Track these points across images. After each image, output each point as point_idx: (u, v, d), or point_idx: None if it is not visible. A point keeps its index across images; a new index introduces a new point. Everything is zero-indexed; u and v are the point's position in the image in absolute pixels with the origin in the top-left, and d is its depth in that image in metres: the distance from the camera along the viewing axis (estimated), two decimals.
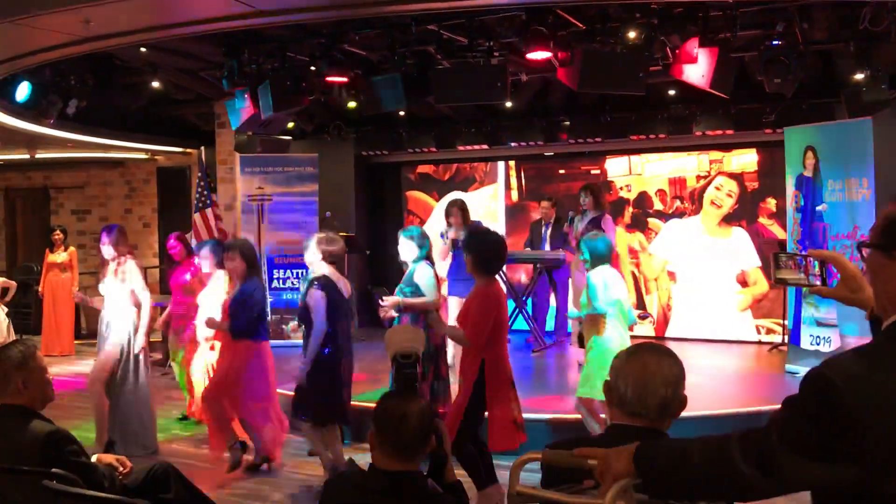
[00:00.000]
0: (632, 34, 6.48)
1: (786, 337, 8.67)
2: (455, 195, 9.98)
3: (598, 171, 10.54)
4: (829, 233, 7.52)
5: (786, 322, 8.69)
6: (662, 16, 6.37)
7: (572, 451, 2.02)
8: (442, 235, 8.19)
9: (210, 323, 5.74)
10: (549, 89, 9.43)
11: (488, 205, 11.17)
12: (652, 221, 10.32)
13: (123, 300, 6.07)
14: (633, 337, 5.67)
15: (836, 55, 7.56)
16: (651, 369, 2.23)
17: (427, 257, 5.52)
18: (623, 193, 10.43)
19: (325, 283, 5.31)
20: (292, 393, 5.55)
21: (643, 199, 10.34)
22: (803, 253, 1.97)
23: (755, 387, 7.76)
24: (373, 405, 2.73)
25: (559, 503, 2.03)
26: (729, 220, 9.90)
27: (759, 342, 9.61)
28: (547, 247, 9.30)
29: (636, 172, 10.39)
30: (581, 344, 7.74)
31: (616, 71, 6.42)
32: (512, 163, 11.05)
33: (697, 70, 6.46)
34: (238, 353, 5.59)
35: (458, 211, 8.09)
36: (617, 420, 2.30)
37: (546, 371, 8.80)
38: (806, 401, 1.63)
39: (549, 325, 9.70)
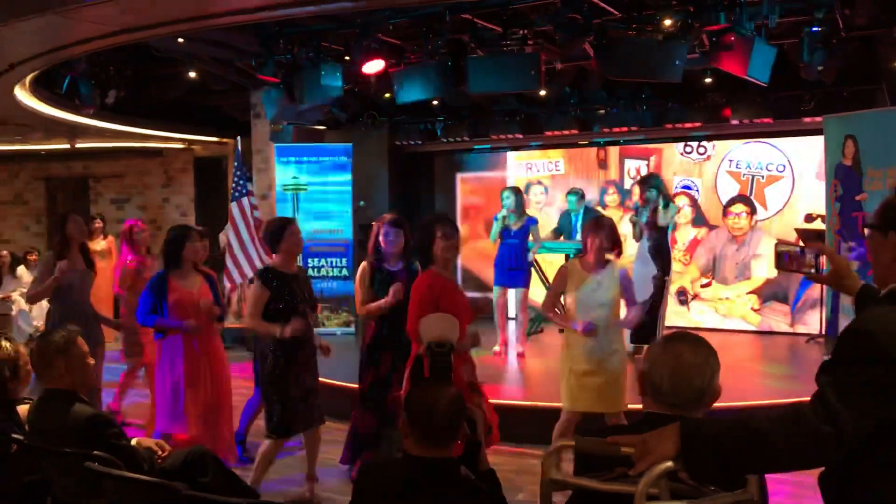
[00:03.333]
0: (668, 22, 6.41)
1: (823, 328, 8.56)
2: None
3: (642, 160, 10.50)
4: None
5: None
6: (699, 3, 6.29)
7: (605, 439, 2.03)
8: (495, 219, 8.21)
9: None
10: (583, 77, 9.37)
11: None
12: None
13: None
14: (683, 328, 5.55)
15: (878, 41, 7.42)
16: (686, 359, 2.22)
17: None
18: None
19: None
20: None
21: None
22: (801, 245, 2.25)
23: (799, 378, 7.56)
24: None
25: (593, 490, 2.03)
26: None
27: (794, 333, 9.48)
28: (578, 236, 9.25)
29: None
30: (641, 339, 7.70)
31: (652, 59, 6.36)
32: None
33: (734, 58, 6.37)
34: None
35: (511, 195, 8.09)
36: (651, 409, 2.29)
37: None
38: (853, 354, 1.86)
39: None
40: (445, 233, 4.47)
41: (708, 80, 8.70)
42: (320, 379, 5.12)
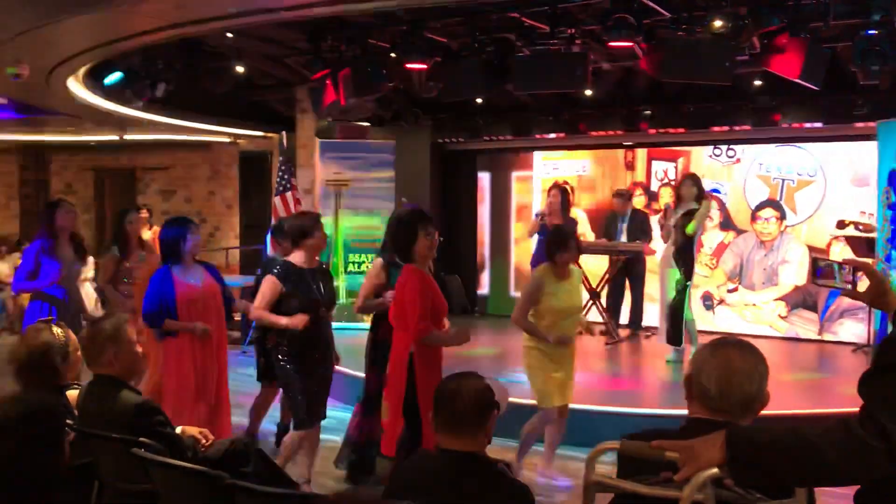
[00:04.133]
0: (718, 23, 6.32)
1: (871, 338, 8.39)
2: None
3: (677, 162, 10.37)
4: None
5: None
6: (751, 4, 6.20)
7: (650, 443, 2.01)
8: (536, 216, 8.18)
9: None
10: (630, 78, 9.29)
11: None
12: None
13: None
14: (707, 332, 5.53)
15: None
16: (735, 365, 2.19)
17: None
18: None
19: None
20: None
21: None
22: (839, 261, 2.14)
23: (832, 387, 7.41)
24: None
25: (638, 494, 2.02)
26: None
27: (838, 342, 9.31)
28: (623, 238, 9.18)
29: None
30: (670, 340, 7.67)
31: (701, 60, 6.28)
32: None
33: (786, 60, 6.27)
34: None
35: (557, 193, 8.04)
36: (697, 414, 2.27)
37: (618, 363, 8.70)
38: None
39: (624, 317, 9.59)
40: (428, 231, 4.41)
41: (757, 82, 8.58)
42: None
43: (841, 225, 8.77)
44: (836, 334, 9.34)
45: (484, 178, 11.67)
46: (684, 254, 7.64)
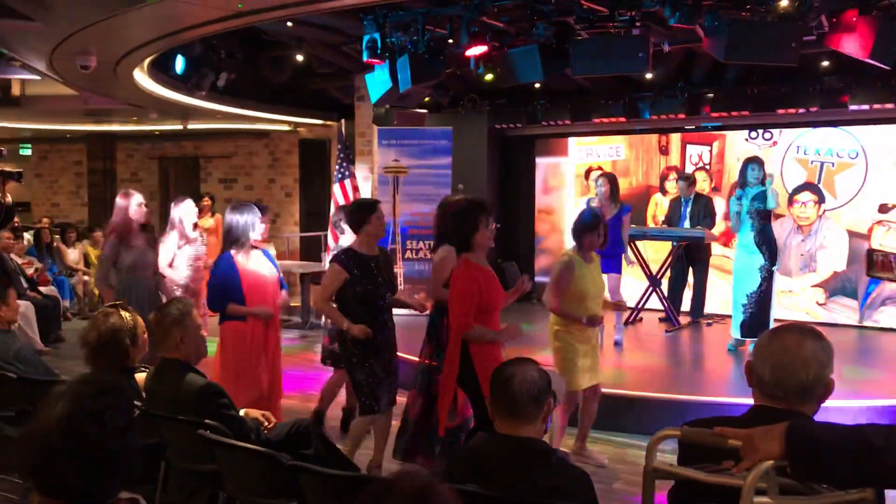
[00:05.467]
0: (784, 2, 6.14)
1: None
2: None
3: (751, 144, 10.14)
4: None
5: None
6: None
7: (712, 430, 1.98)
8: (588, 203, 8.14)
9: None
10: (692, 60, 9.11)
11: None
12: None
13: None
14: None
15: None
16: (791, 352, 2.14)
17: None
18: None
19: None
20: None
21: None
22: (894, 253, 2.02)
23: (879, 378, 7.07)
24: None
25: (699, 481, 1.99)
26: None
27: (881, 328, 9.01)
28: (686, 224, 9.03)
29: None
30: (749, 333, 7.46)
31: (766, 41, 6.10)
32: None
33: (856, 40, 6.06)
34: None
35: (606, 182, 7.97)
36: (758, 401, 2.23)
37: (679, 351, 8.58)
38: None
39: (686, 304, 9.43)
40: (488, 222, 4.41)
41: (824, 63, 8.32)
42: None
43: (884, 209, 8.45)
44: (878, 322, 9.06)
45: (541, 164, 11.61)
46: (765, 237, 7.41)
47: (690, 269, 9.29)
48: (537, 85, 9.66)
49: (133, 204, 5.99)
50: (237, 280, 4.92)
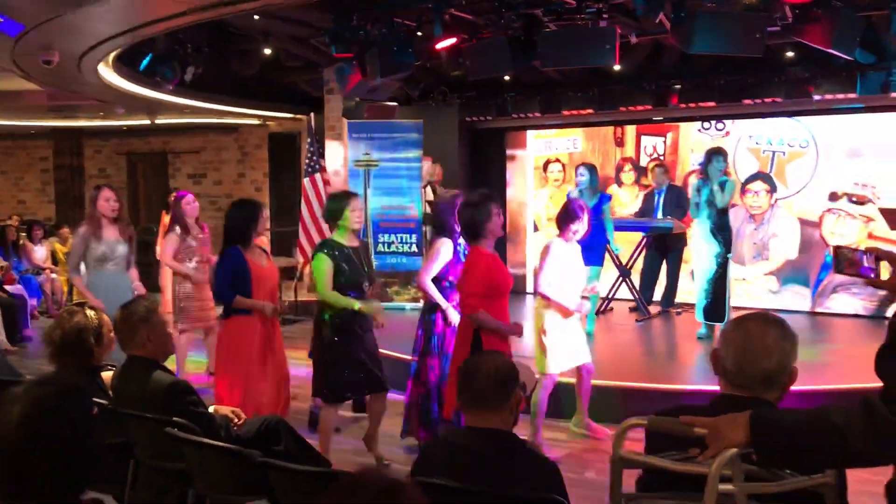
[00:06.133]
0: None
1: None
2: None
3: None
4: None
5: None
6: None
7: (678, 419, 2.00)
8: (569, 195, 8.17)
9: None
10: (659, 52, 9.16)
11: None
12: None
13: None
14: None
15: None
16: (754, 340, 2.16)
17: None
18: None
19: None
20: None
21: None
22: (861, 249, 2.08)
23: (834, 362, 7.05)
24: None
25: (665, 469, 2.01)
26: None
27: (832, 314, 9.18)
28: (660, 214, 9.10)
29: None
30: (710, 317, 7.61)
31: (732, 32, 6.16)
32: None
33: (818, 30, 6.13)
34: None
35: (585, 171, 8.02)
36: (724, 390, 2.25)
37: (648, 340, 8.65)
38: None
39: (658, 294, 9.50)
40: (500, 210, 4.66)
41: (790, 53, 8.40)
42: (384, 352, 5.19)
43: (834, 197, 8.59)
44: (829, 308, 9.23)
45: (510, 157, 11.64)
46: (721, 226, 7.59)
47: (664, 260, 9.37)
48: (507, 77, 9.66)
49: (101, 198, 6.01)
50: (247, 273, 4.94)
